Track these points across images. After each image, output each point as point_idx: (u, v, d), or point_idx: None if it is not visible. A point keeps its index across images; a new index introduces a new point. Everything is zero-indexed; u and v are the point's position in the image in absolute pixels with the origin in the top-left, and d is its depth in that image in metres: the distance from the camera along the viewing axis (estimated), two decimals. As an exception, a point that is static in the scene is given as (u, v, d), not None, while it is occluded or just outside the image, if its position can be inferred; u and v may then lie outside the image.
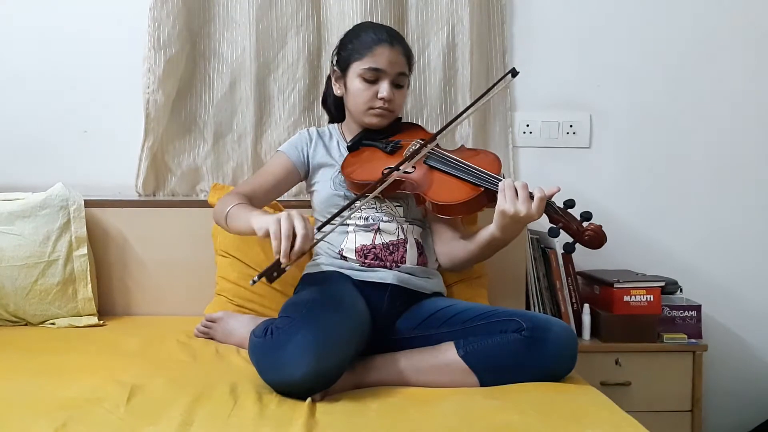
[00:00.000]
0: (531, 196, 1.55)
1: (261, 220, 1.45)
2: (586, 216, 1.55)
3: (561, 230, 1.57)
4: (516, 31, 2.32)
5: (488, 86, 2.25)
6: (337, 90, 1.86)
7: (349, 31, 1.86)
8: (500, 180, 1.60)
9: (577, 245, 1.57)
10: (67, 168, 2.19)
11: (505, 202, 1.55)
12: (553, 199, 1.58)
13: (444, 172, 1.69)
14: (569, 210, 1.57)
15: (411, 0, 2.23)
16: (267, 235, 1.41)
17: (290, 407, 1.30)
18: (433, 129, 2.18)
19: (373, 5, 2.14)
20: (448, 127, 1.81)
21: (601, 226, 1.55)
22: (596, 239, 1.54)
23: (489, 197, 1.63)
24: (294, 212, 1.43)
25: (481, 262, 1.86)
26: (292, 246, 1.39)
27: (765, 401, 2.37)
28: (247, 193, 1.75)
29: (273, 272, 1.40)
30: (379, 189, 1.64)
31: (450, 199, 1.64)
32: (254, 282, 1.38)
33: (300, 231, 1.39)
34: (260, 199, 1.79)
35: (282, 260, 1.39)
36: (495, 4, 2.29)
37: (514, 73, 1.80)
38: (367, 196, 1.63)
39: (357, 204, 1.64)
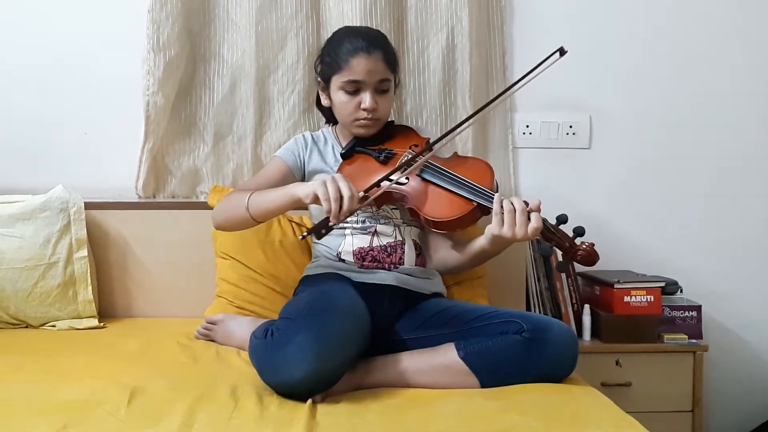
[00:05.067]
0: (528, 217, 1.53)
1: (305, 188, 1.54)
2: (579, 232, 1.54)
3: (553, 248, 1.57)
4: (515, 32, 2.32)
5: (487, 88, 2.28)
6: (324, 101, 1.85)
7: (328, 41, 1.84)
8: (493, 195, 1.58)
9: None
10: (67, 170, 2.19)
11: (501, 226, 1.53)
12: (545, 215, 1.57)
13: (437, 185, 1.68)
14: (562, 226, 1.56)
15: (410, 1, 2.23)
16: (315, 199, 1.50)
17: (291, 409, 1.30)
18: (432, 131, 2.18)
19: (372, 7, 2.14)
20: (447, 136, 1.76)
21: (593, 245, 1.54)
22: (588, 258, 1.54)
23: (482, 211, 1.62)
24: (339, 176, 1.51)
25: (473, 269, 1.86)
26: (341, 207, 1.47)
27: (766, 401, 2.37)
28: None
29: (321, 229, 1.52)
30: (369, 201, 1.62)
31: (443, 215, 1.63)
32: (303, 237, 1.55)
33: (346, 193, 1.47)
34: None
35: (332, 220, 1.49)
36: (494, 5, 2.29)
37: (562, 51, 1.72)
38: (362, 205, 1.64)
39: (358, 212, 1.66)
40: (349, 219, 1.74)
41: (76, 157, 2.24)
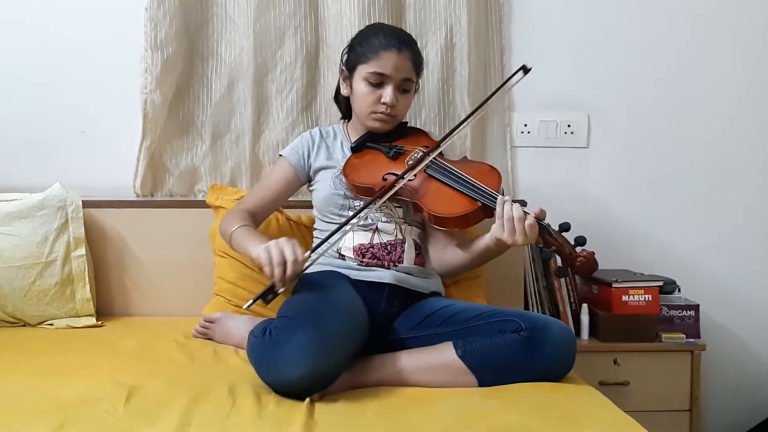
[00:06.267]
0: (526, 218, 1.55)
1: (257, 250, 1.52)
2: (580, 241, 1.55)
3: (554, 253, 1.58)
4: (514, 30, 2.32)
5: (486, 86, 2.28)
6: (344, 90, 1.86)
7: (361, 31, 1.86)
8: (498, 196, 1.59)
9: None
10: (64, 168, 2.19)
11: (502, 232, 1.55)
12: (548, 221, 1.58)
13: (443, 183, 1.69)
14: (564, 233, 1.58)
15: (409, 0, 2.23)
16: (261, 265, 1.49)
17: (289, 407, 1.30)
18: (431, 129, 2.19)
19: (371, 5, 2.13)
20: (452, 135, 1.79)
21: (593, 253, 1.55)
22: (587, 266, 1.55)
23: (486, 212, 1.63)
24: (284, 239, 1.50)
25: (472, 270, 1.86)
26: (286, 270, 1.47)
27: (763, 400, 2.37)
28: (250, 209, 1.78)
29: (268, 295, 1.49)
30: (384, 199, 1.65)
31: (447, 211, 1.64)
32: (249, 306, 1.47)
33: (289, 257, 1.47)
34: (263, 213, 1.84)
35: (277, 285, 1.48)
36: (493, 3, 2.29)
37: (525, 69, 1.79)
38: (369, 205, 1.65)
39: (359, 215, 1.65)
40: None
41: (74, 155, 2.24)
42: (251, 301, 1.47)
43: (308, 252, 1.53)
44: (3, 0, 2.22)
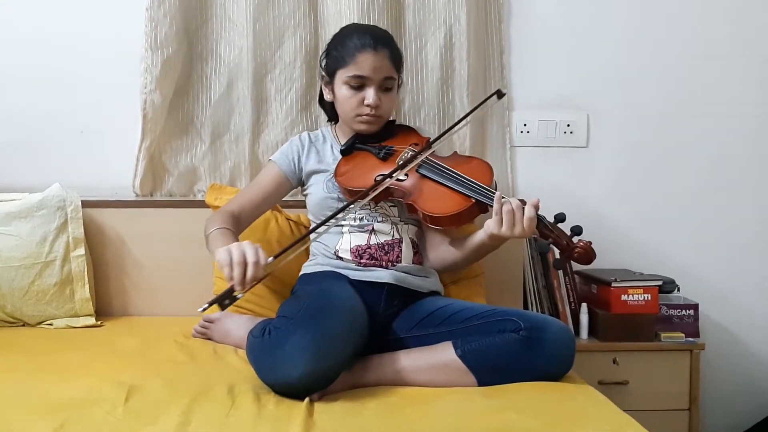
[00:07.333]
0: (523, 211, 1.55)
1: (219, 252, 1.46)
2: (577, 231, 1.56)
3: (551, 245, 1.58)
4: (513, 30, 2.32)
5: (485, 86, 2.29)
6: (326, 95, 1.86)
7: (335, 35, 1.85)
8: (493, 192, 1.60)
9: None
10: (64, 168, 2.19)
11: (500, 226, 1.55)
12: (543, 213, 1.58)
13: (436, 181, 1.69)
14: (560, 224, 1.58)
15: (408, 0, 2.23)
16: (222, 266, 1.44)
17: (288, 407, 1.30)
18: (430, 129, 2.19)
19: (370, 5, 2.13)
20: (442, 138, 1.80)
21: (590, 243, 1.55)
22: (585, 256, 1.55)
23: (480, 208, 1.63)
24: (247, 242, 1.46)
25: (471, 265, 1.87)
26: (246, 274, 1.41)
27: (762, 399, 2.37)
28: (235, 211, 1.75)
29: (225, 299, 1.42)
30: (368, 198, 1.64)
31: (441, 210, 1.64)
32: (204, 309, 1.38)
33: (250, 259, 1.42)
34: (249, 215, 1.79)
35: (236, 287, 1.42)
36: (492, 3, 2.29)
37: (499, 94, 1.84)
38: (355, 204, 1.65)
39: (340, 215, 1.65)
40: (347, 216, 1.74)
41: (74, 155, 2.24)
42: (207, 304, 1.38)
43: (271, 258, 1.47)
44: (3, 0, 2.22)
